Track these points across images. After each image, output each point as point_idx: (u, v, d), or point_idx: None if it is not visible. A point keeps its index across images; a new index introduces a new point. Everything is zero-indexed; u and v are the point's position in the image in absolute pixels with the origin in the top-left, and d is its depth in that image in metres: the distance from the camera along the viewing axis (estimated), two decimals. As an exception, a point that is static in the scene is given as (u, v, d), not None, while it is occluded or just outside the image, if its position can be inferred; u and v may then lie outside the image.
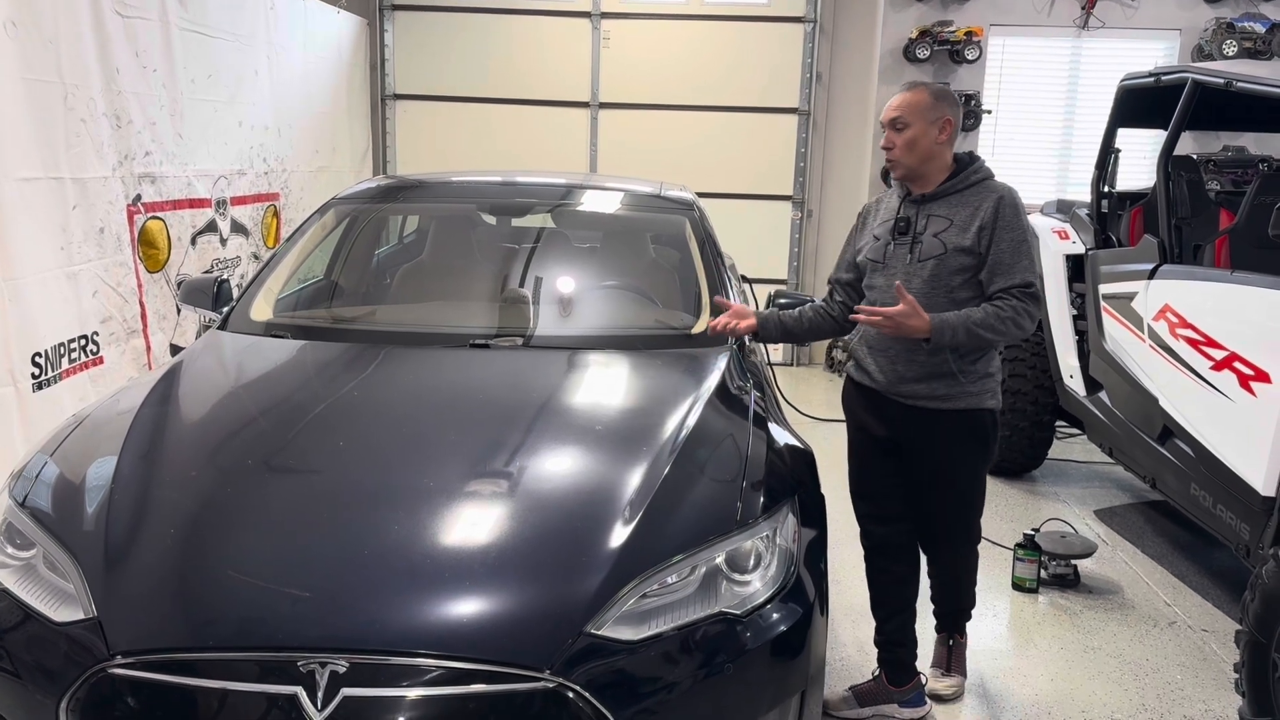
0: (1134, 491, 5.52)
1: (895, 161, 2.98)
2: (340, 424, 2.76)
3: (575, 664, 2.03)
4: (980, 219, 2.90)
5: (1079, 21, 7.83)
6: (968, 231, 2.90)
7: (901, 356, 2.99)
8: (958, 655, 3.43)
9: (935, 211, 2.97)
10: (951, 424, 2.99)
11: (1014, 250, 2.87)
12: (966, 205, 2.94)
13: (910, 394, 2.99)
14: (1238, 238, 4.22)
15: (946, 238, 2.92)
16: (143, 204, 4.91)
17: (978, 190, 2.96)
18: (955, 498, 3.14)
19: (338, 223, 4.05)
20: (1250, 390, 3.50)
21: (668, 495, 2.38)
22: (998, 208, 2.90)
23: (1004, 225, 2.89)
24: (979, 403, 2.99)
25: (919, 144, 2.94)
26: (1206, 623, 4.05)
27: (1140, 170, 6.94)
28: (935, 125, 2.94)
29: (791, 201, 8.49)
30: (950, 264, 2.91)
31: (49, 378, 4.22)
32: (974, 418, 3.00)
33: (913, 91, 2.98)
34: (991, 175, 3.01)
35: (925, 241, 2.94)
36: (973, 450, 3.06)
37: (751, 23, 8.24)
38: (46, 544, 2.28)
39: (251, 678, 2.00)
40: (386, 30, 8.45)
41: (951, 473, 3.08)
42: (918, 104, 2.95)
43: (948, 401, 2.97)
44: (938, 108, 2.95)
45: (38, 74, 4.10)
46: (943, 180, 2.98)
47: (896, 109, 2.97)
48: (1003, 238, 2.88)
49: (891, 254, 3.01)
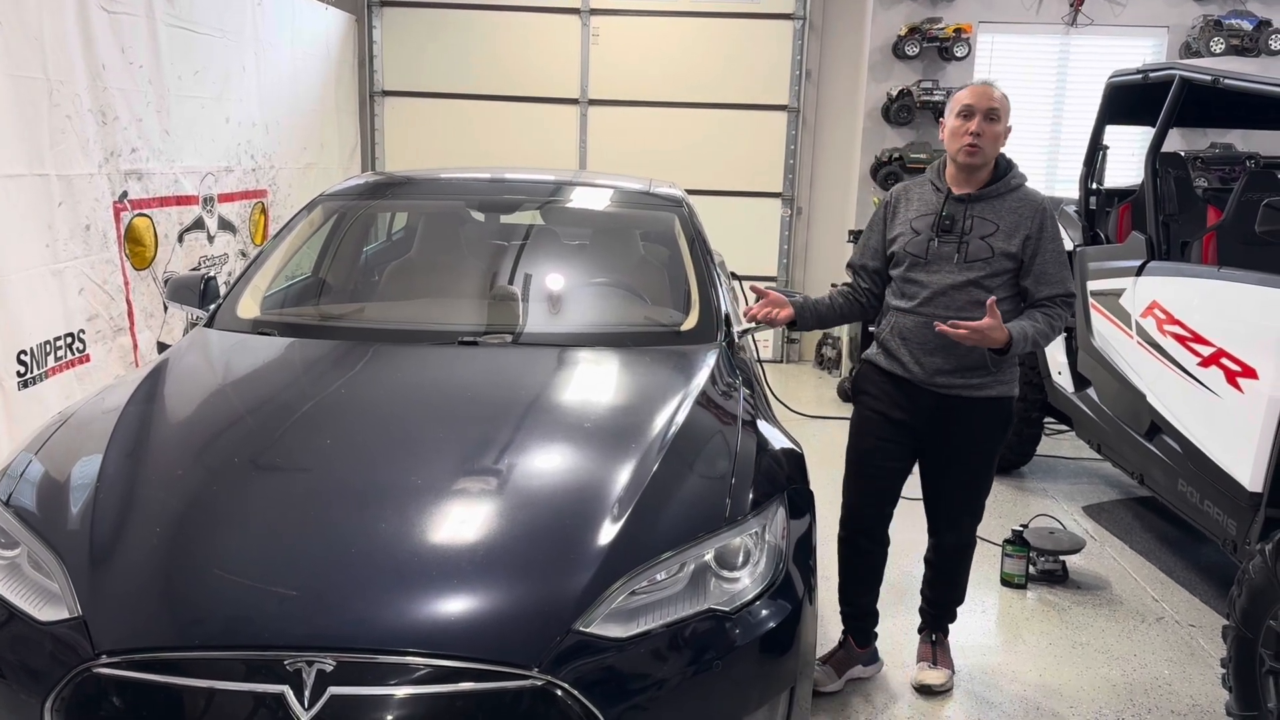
0: (1122, 487, 5.54)
1: (978, 149, 3.01)
2: (327, 422, 2.75)
3: (563, 662, 2.02)
4: (1026, 229, 3.03)
5: (1067, 19, 7.85)
6: (1013, 238, 3.03)
7: (940, 350, 3.09)
8: (943, 650, 3.52)
9: (980, 214, 3.06)
10: (983, 410, 3.14)
11: (1058, 261, 3.06)
12: (1010, 211, 3.06)
13: (946, 385, 3.11)
14: (1225, 234, 4.24)
15: (994, 242, 3.04)
16: (129, 201, 4.88)
17: (1018, 196, 3.08)
18: (971, 478, 3.26)
19: (325, 220, 4.03)
20: (1237, 386, 3.52)
21: (656, 492, 2.38)
22: (1043, 220, 3.05)
23: (1049, 236, 3.05)
24: (1009, 390, 3.16)
25: (1001, 140, 3.05)
26: (1194, 618, 4.07)
27: (1128, 167, 6.97)
28: (1008, 127, 3.07)
29: (781, 198, 8.49)
30: (995, 267, 3.04)
31: (34, 376, 4.19)
32: (1003, 405, 3.17)
33: (996, 88, 3.07)
34: (1026, 181, 3.15)
35: (973, 244, 3.05)
36: (996, 434, 3.21)
37: (741, 20, 8.24)
38: (31, 543, 2.26)
39: (238, 677, 1.98)
40: (375, 26, 8.42)
41: (971, 454, 3.22)
42: (1006, 104, 3.06)
43: (982, 390, 3.11)
44: (1010, 114, 3.08)
45: (22, 70, 4.07)
46: (987, 181, 3.09)
47: (996, 101, 3.03)
48: (1047, 248, 3.04)
49: (935, 250, 3.08)
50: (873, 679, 3.50)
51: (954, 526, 3.33)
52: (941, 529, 3.37)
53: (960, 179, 3.10)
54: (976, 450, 3.22)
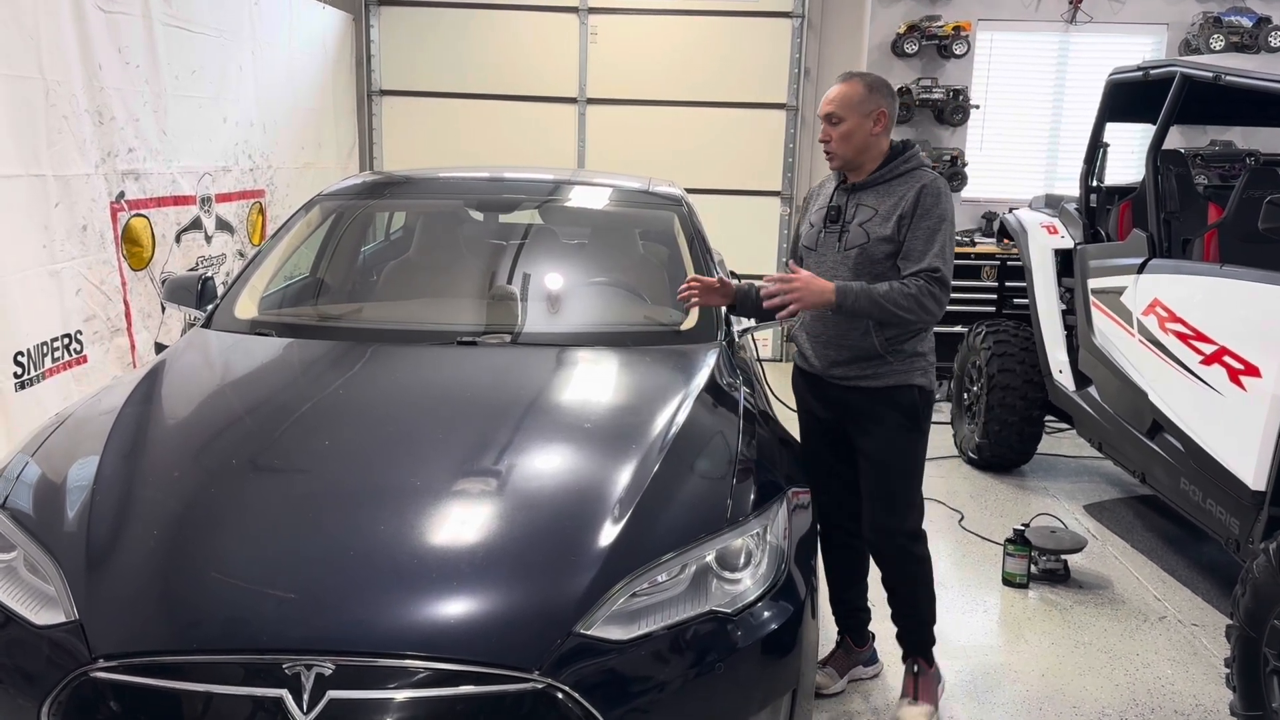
0: (1124, 486, 5.53)
1: (832, 154, 3.01)
2: (326, 423, 2.74)
3: (564, 664, 2.01)
4: (901, 208, 2.93)
5: (1067, 16, 7.83)
6: (889, 221, 2.94)
7: (833, 341, 3.06)
8: (925, 685, 3.25)
9: (864, 201, 3.01)
10: (881, 400, 3.03)
11: (927, 238, 2.90)
12: (893, 194, 2.97)
13: (842, 376, 3.06)
14: (1226, 232, 4.23)
15: (870, 227, 2.96)
16: (126, 201, 4.86)
17: (905, 179, 2.98)
18: (882, 474, 3.09)
19: (323, 219, 4.01)
20: (1240, 384, 3.50)
21: (657, 493, 2.37)
22: (918, 196, 2.92)
23: (921, 213, 2.91)
24: (907, 379, 3.02)
25: (854, 137, 2.97)
26: (1197, 617, 4.06)
27: (1128, 165, 6.95)
28: (869, 118, 2.96)
29: (780, 196, 8.47)
30: (872, 253, 2.95)
31: (31, 377, 4.17)
32: (902, 394, 3.03)
33: (847, 84, 2.99)
34: (922, 164, 3.03)
35: (851, 231, 2.99)
36: (902, 425, 3.05)
37: (739, 18, 8.22)
38: (27, 546, 2.25)
39: (236, 680, 1.97)
40: (372, 26, 8.39)
41: (877, 448, 3.07)
42: (851, 97, 2.96)
43: (876, 379, 3.01)
44: (871, 99, 2.96)
45: (18, 70, 4.05)
46: (874, 169, 3.02)
47: (830, 103, 2.99)
48: (918, 225, 2.91)
49: (822, 241, 3.07)
50: (874, 679, 3.48)
51: (874, 528, 3.14)
52: (872, 535, 3.17)
53: (854, 172, 3.05)
54: (881, 443, 3.06)
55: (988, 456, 5.65)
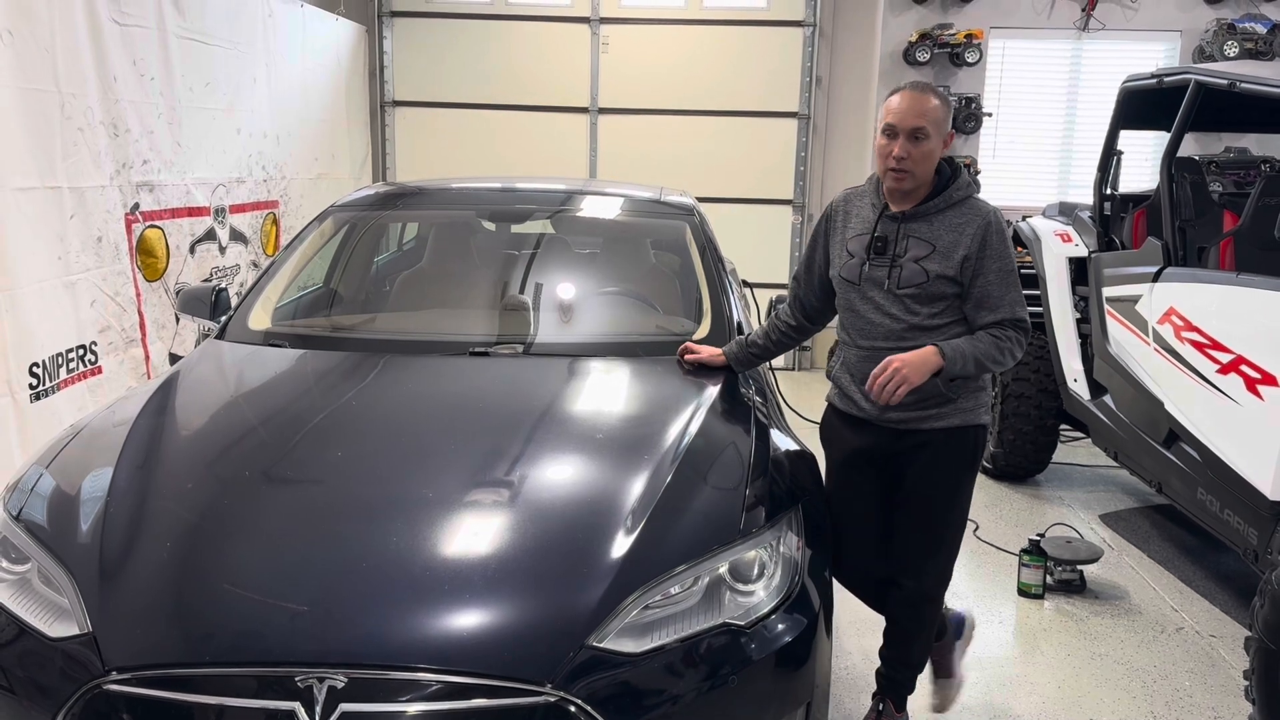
0: (1140, 496, 5.49)
1: (908, 174, 2.68)
2: (339, 434, 2.74)
3: (577, 677, 2.00)
4: (965, 247, 2.68)
5: (1079, 23, 7.81)
6: (951, 259, 2.68)
7: None
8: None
9: (916, 233, 2.73)
10: (943, 442, 2.80)
11: (1002, 282, 2.69)
12: (950, 228, 2.71)
13: (900, 420, 2.79)
14: (1242, 240, 4.20)
15: (929, 265, 2.70)
16: (141, 213, 4.89)
17: (961, 211, 2.72)
18: (932, 518, 2.89)
19: (337, 230, 4.02)
20: (1257, 394, 3.48)
21: (670, 504, 2.36)
22: (985, 236, 2.68)
23: (991, 255, 2.68)
24: (974, 418, 2.82)
25: (934, 157, 2.70)
26: (1214, 628, 4.02)
27: (1142, 172, 6.92)
28: (944, 138, 2.72)
29: (792, 205, 8.47)
30: (931, 291, 2.71)
31: (47, 388, 4.19)
32: (966, 435, 2.81)
33: (927, 96, 2.68)
34: (974, 192, 2.78)
35: (906, 268, 2.72)
36: (959, 468, 2.85)
37: (751, 27, 8.23)
38: (41, 558, 2.25)
39: (249, 693, 1.97)
40: (385, 37, 8.44)
41: (931, 490, 2.86)
42: (937, 115, 2.67)
43: (940, 419, 2.78)
44: (948, 119, 2.73)
45: (34, 83, 4.08)
46: (925, 197, 2.74)
47: (919, 117, 2.65)
48: (990, 269, 2.68)
49: (866, 275, 2.78)
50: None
51: (915, 573, 2.91)
52: (901, 575, 2.94)
53: (896, 195, 2.76)
54: (937, 486, 2.84)
55: (1003, 466, 5.62)
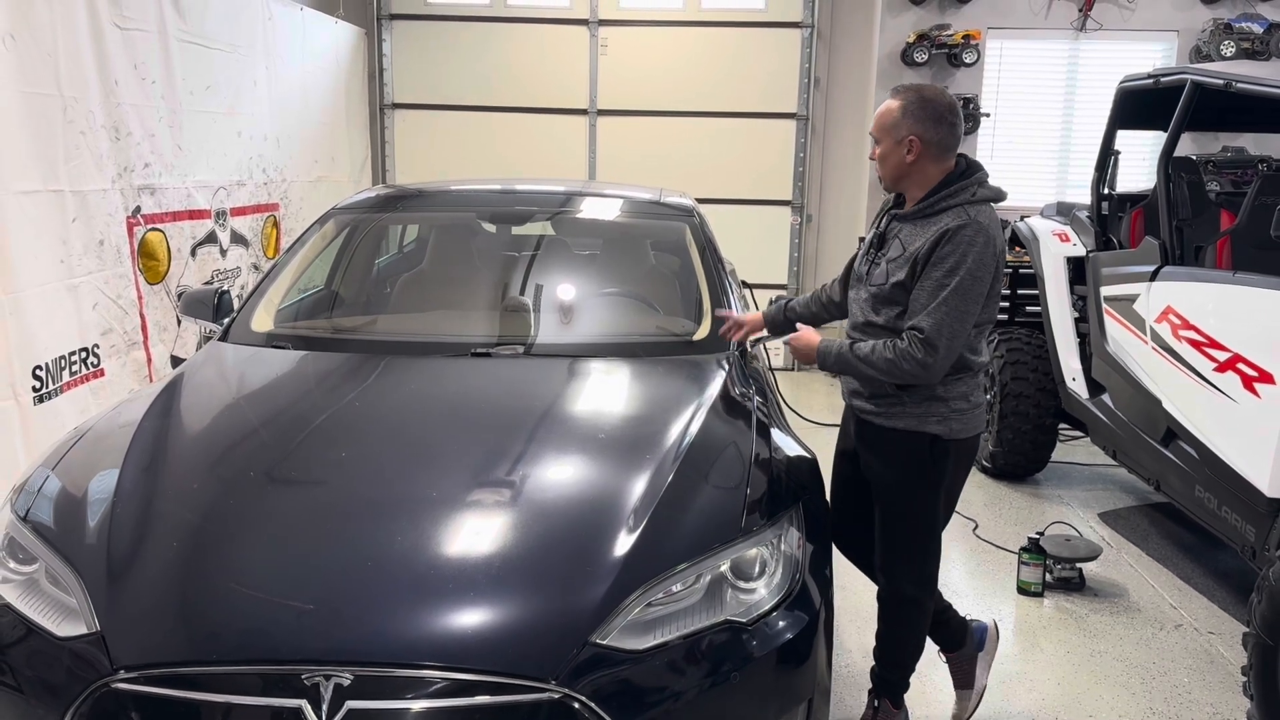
0: (1138, 494, 5.51)
1: (882, 175, 2.82)
2: (342, 435, 2.75)
3: (580, 674, 2.01)
4: (918, 250, 2.65)
5: (1076, 24, 7.84)
6: (907, 265, 2.67)
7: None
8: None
9: (900, 234, 2.76)
10: (891, 442, 2.81)
11: (931, 292, 2.60)
12: (924, 234, 2.67)
13: (860, 408, 2.88)
14: (1239, 239, 4.22)
15: (893, 268, 2.72)
16: (142, 216, 4.90)
17: (942, 216, 2.67)
18: (888, 519, 2.89)
19: (338, 232, 4.04)
20: (1254, 392, 3.49)
21: (671, 503, 2.37)
22: (937, 241, 2.61)
23: (935, 261, 2.61)
24: (919, 425, 2.75)
25: (887, 161, 2.75)
26: (1213, 625, 4.04)
27: (1140, 172, 6.94)
28: (901, 145, 2.70)
29: (791, 206, 8.49)
30: (888, 296, 2.73)
31: (50, 390, 4.21)
32: (913, 440, 2.76)
33: (887, 102, 2.76)
34: (969, 200, 2.66)
35: (881, 266, 2.77)
36: (911, 476, 2.81)
37: (749, 28, 8.25)
38: (49, 558, 2.27)
39: (255, 691, 1.99)
40: (384, 40, 8.46)
41: (885, 490, 2.88)
42: (884, 119, 2.72)
43: (886, 419, 2.79)
44: (902, 124, 2.68)
45: (36, 87, 4.10)
46: (920, 199, 2.74)
47: (873, 123, 2.78)
48: (928, 275, 2.62)
49: (859, 268, 2.92)
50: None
51: (886, 571, 2.95)
52: (879, 570, 3.00)
53: (905, 197, 2.83)
54: (890, 489, 2.85)
55: (1002, 465, 5.64)
